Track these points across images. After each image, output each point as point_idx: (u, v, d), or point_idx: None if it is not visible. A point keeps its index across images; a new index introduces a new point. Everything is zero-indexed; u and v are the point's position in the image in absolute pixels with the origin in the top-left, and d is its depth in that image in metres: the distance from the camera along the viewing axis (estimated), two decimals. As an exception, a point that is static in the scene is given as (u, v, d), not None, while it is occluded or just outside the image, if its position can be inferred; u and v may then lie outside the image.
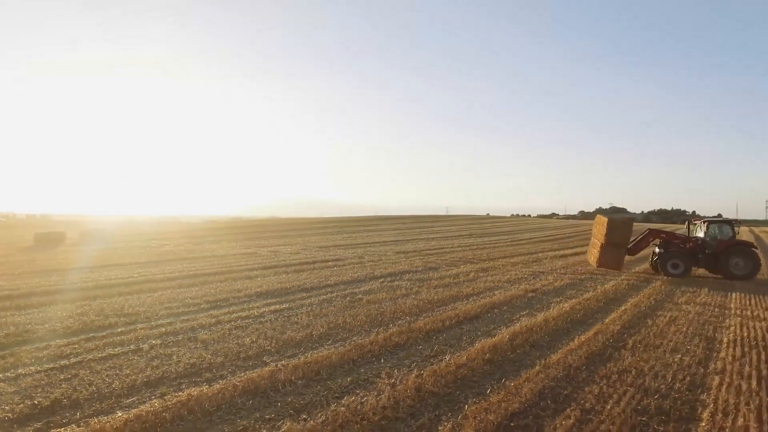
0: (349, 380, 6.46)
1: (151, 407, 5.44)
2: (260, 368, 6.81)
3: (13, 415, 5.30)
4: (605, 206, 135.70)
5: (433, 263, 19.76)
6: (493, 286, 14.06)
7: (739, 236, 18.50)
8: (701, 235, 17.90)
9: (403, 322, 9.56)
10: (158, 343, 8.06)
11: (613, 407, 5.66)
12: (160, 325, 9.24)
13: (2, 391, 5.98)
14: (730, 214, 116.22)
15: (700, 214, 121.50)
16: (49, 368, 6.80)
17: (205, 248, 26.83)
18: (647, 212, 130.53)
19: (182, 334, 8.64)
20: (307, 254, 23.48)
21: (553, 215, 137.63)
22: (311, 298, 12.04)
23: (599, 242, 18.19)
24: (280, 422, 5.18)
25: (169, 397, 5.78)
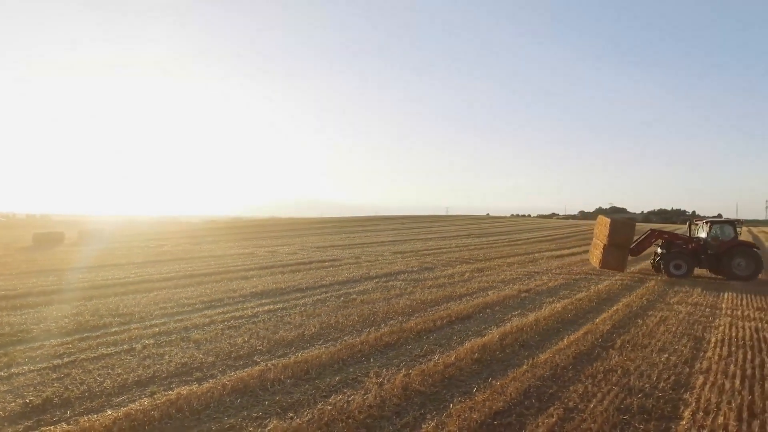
0: (337, 379, 6.55)
1: (140, 406, 5.53)
2: (250, 368, 6.90)
3: (4, 413, 5.38)
4: (605, 206, 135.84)
5: (429, 263, 19.85)
6: (487, 286, 14.14)
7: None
8: (703, 235, 17.92)
9: (395, 322, 9.65)
10: (151, 342, 8.15)
11: (596, 406, 5.74)
12: (153, 325, 9.33)
13: (-5, 390, 6.07)
14: (730, 214, 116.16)
15: (700, 214, 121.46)
16: (42, 368, 6.89)
17: (203, 248, 26.93)
18: (647, 212, 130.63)
19: (175, 333, 8.72)
20: (304, 254, 23.57)
21: (553, 215, 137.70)
22: (305, 298, 12.13)
23: (602, 243, 18.14)
24: (266, 420, 5.27)
25: (158, 395, 5.87)
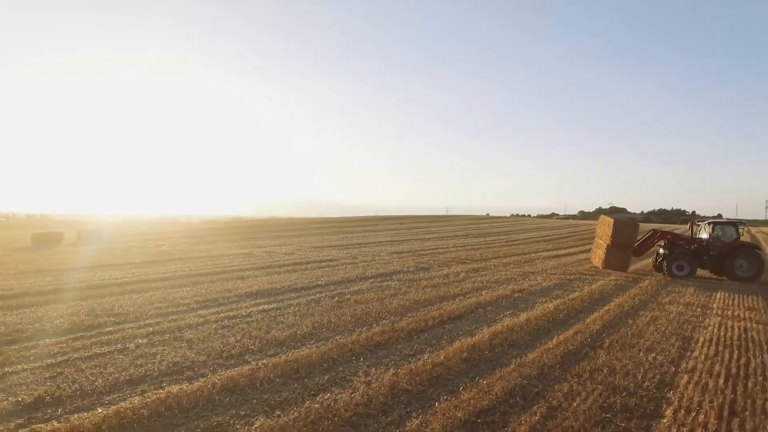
0: (326, 378, 6.63)
1: (130, 404, 5.62)
2: (241, 366, 6.98)
3: (-4, 411, 5.47)
4: (605, 206, 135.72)
5: (425, 263, 19.94)
6: (481, 286, 14.22)
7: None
8: (705, 236, 17.95)
9: (387, 321, 9.73)
10: (144, 342, 8.24)
11: (579, 404, 5.83)
12: (148, 324, 9.41)
13: (-12, 388, 6.15)
14: (730, 214, 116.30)
15: (700, 214, 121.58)
16: (35, 367, 6.98)
17: (201, 248, 27.02)
18: (647, 212, 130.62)
19: (169, 333, 8.81)
20: (301, 254, 23.66)
21: (552, 215, 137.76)
22: (300, 298, 12.22)
23: (605, 243, 18.11)
24: (254, 419, 5.35)
25: (149, 394, 5.96)
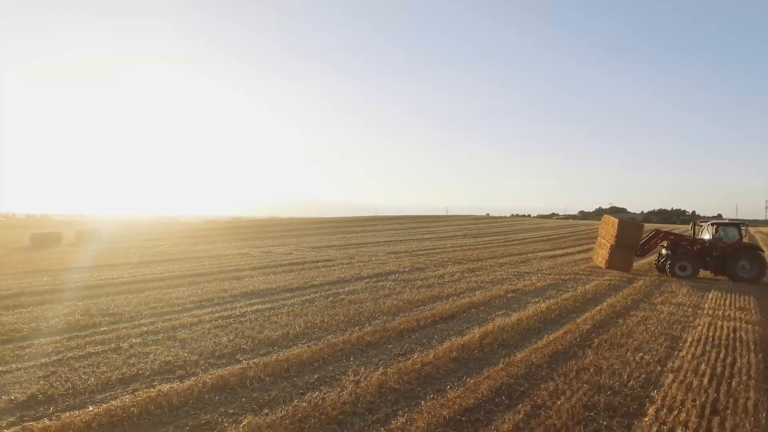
0: (315, 377, 6.72)
1: (121, 402, 5.71)
2: (232, 366, 7.07)
3: (-11, 409, 5.57)
4: (605, 206, 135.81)
5: (421, 264, 20.02)
6: (475, 286, 14.30)
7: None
8: (707, 237, 18.00)
9: (379, 321, 9.82)
10: (138, 342, 8.33)
11: (563, 403, 5.91)
12: (142, 324, 9.51)
13: (-18, 387, 6.25)
14: (730, 214, 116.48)
15: (700, 214, 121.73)
16: (29, 366, 7.08)
17: (199, 249, 27.12)
18: (647, 212, 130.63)
19: (162, 333, 8.90)
20: (298, 255, 23.75)
21: (553, 215, 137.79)
22: (294, 298, 12.31)
23: (608, 243, 18.10)
24: (242, 417, 5.44)
25: (140, 393, 6.05)
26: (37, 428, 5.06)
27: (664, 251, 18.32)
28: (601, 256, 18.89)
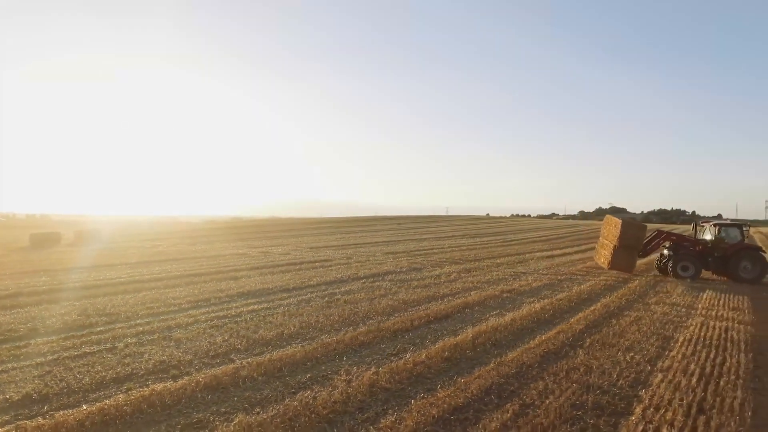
0: (308, 377, 6.79)
1: (114, 401, 5.78)
2: (226, 365, 7.14)
3: (-16, 408, 5.64)
4: (605, 206, 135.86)
5: (418, 264, 20.09)
6: (471, 286, 14.37)
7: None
8: (708, 237, 18.02)
9: (373, 321, 9.88)
10: (133, 341, 8.40)
11: (552, 402, 5.98)
12: (138, 324, 9.58)
13: (-23, 386, 6.32)
14: (730, 214, 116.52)
15: (700, 214, 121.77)
16: (25, 365, 7.15)
17: (197, 249, 27.20)
18: (647, 212, 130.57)
19: (158, 333, 8.98)
20: (296, 255, 23.83)
21: (552, 215, 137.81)
22: (290, 298, 12.38)
23: (611, 244, 18.05)
24: (233, 415, 5.51)
25: (133, 392, 6.12)
26: (30, 427, 5.14)
27: (666, 252, 18.31)
28: (603, 256, 18.81)
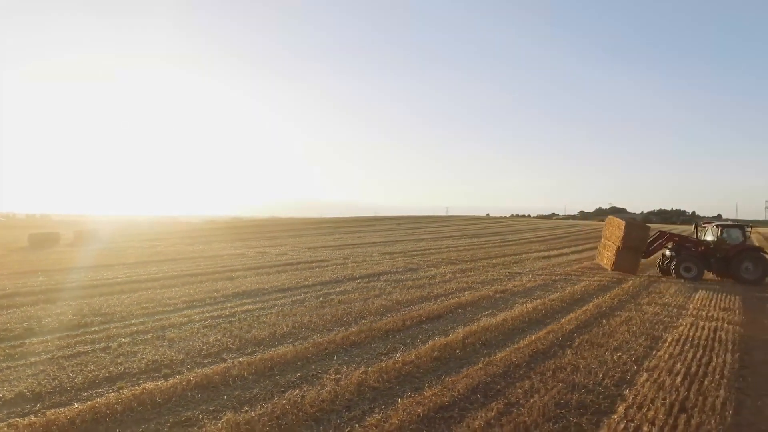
0: (297, 376, 6.89)
1: (105, 400, 5.88)
2: (217, 364, 7.24)
3: (-23, 406, 5.74)
4: (605, 206, 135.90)
5: (415, 264, 20.18)
6: (465, 287, 14.46)
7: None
8: (710, 238, 18.04)
9: (366, 321, 9.98)
10: (127, 341, 8.51)
11: (536, 401, 6.07)
12: (132, 324, 9.68)
13: (-29, 385, 6.42)
14: (730, 214, 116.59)
15: (699, 214, 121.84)
16: (19, 364, 7.25)
17: (195, 249, 27.30)
18: (647, 212, 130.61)
19: (152, 332, 9.07)
20: (294, 255, 23.92)
21: (552, 215, 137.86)
22: (285, 298, 12.47)
23: (614, 245, 18.02)
24: (222, 414, 5.61)
25: (125, 390, 6.22)
26: (22, 425, 5.23)
27: (668, 252, 18.31)
28: (606, 257, 18.72)
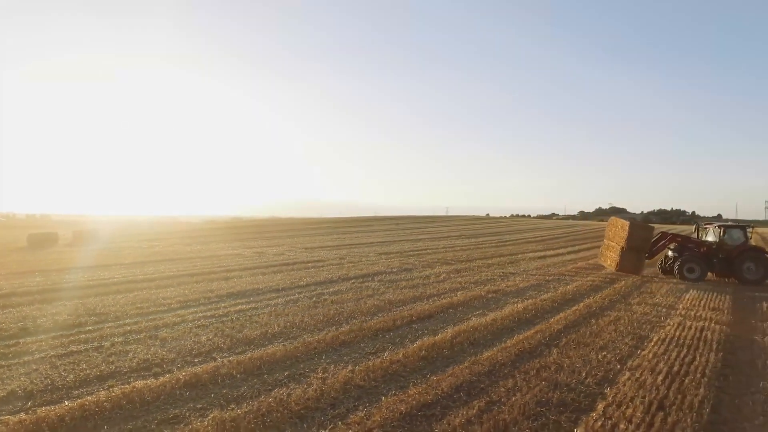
0: (285, 374, 7.01)
1: (95, 398, 6.01)
2: (207, 363, 7.37)
3: (-31, 404, 5.86)
4: (605, 206, 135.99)
5: (410, 264, 20.30)
6: (458, 287, 14.57)
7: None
8: (711, 239, 18.09)
9: (356, 321, 10.10)
10: (120, 340, 8.63)
11: (518, 399, 6.19)
12: (126, 324, 9.80)
13: (-35, 383, 6.55)
14: (729, 214, 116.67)
15: (699, 214, 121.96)
16: (12, 363, 7.38)
17: (193, 249, 27.44)
18: (647, 212, 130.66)
19: (145, 332, 9.20)
20: (290, 255, 24.05)
21: (552, 215, 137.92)
22: (279, 298, 12.59)
23: (618, 246, 18.01)
24: (209, 411, 5.74)
25: (115, 389, 6.34)
26: (12, 422, 5.36)
27: (670, 253, 18.34)
28: (609, 258, 18.68)
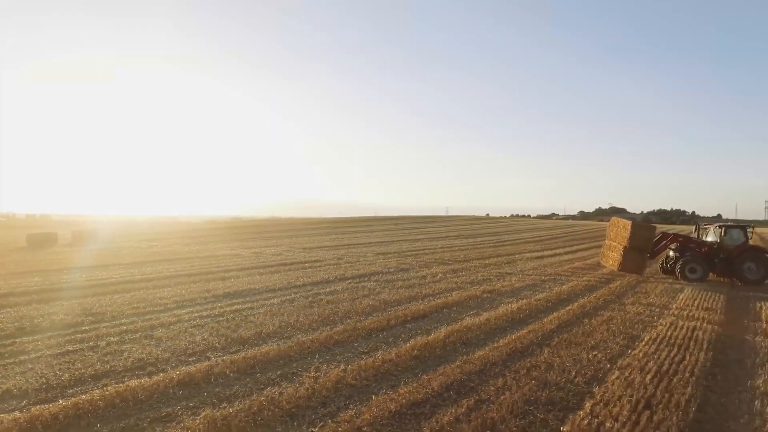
0: (278, 374, 7.09)
1: (89, 397, 6.09)
2: (201, 363, 7.44)
3: (-35, 403, 5.94)
4: (605, 206, 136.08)
5: (407, 264, 20.37)
6: (453, 287, 14.65)
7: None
8: (711, 239, 18.12)
9: (351, 321, 10.17)
10: (115, 340, 8.71)
11: (507, 398, 6.26)
12: (122, 323, 9.88)
13: (-39, 382, 6.63)
14: (729, 214, 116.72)
15: (699, 214, 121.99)
16: (8, 362, 7.46)
17: (192, 249, 27.52)
18: (647, 212, 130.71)
19: (141, 332, 9.28)
20: (288, 255, 24.13)
21: (552, 215, 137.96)
22: (275, 298, 12.67)
23: (620, 246, 18.00)
24: (201, 409, 5.81)
25: (109, 388, 6.42)
26: (7, 420, 5.44)
27: (672, 253, 18.35)
28: (612, 259, 18.63)
